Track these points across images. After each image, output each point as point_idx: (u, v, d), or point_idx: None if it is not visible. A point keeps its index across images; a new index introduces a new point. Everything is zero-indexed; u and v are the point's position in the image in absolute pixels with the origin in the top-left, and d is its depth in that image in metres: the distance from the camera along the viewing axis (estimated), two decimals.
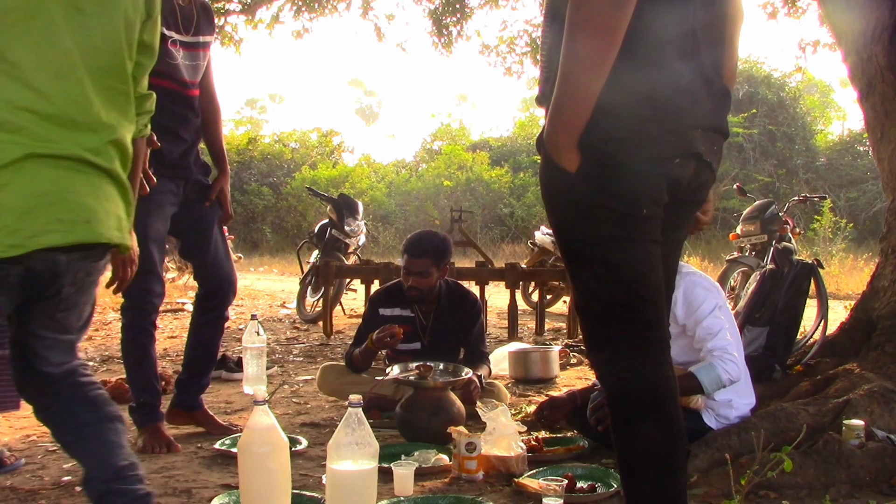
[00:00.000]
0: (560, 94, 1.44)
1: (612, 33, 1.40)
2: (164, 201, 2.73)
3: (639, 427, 1.48)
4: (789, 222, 6.12)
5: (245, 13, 7.42)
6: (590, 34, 1.40)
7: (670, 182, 1.52)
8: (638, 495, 1.50)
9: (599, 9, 1.39)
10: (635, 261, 1.50)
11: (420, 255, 3.32)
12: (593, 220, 1.49)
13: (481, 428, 2.62)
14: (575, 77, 1.42)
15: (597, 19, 1.39)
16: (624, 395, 1.51)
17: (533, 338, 5.60)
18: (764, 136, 16.04)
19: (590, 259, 1.52)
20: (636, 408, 1.49)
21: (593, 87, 1.42)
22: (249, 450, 1.91)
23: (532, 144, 19.85)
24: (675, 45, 1.51)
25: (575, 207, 1.50)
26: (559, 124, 1.46)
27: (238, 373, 4.09)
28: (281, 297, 8.89)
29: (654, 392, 1.50)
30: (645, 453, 1.48)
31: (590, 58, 1.41)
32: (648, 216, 1.50)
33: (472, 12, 8.24)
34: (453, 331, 3.46)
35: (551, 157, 1.49)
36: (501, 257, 12.29)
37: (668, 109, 1.50)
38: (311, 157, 20.19)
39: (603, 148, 1.46)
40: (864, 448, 2.28)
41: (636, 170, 1.48)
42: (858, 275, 9.20)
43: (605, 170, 1.47)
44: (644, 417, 1.48)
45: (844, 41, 3.65)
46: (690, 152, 1.52)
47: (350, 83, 56.33)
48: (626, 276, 1.50)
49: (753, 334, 3.36)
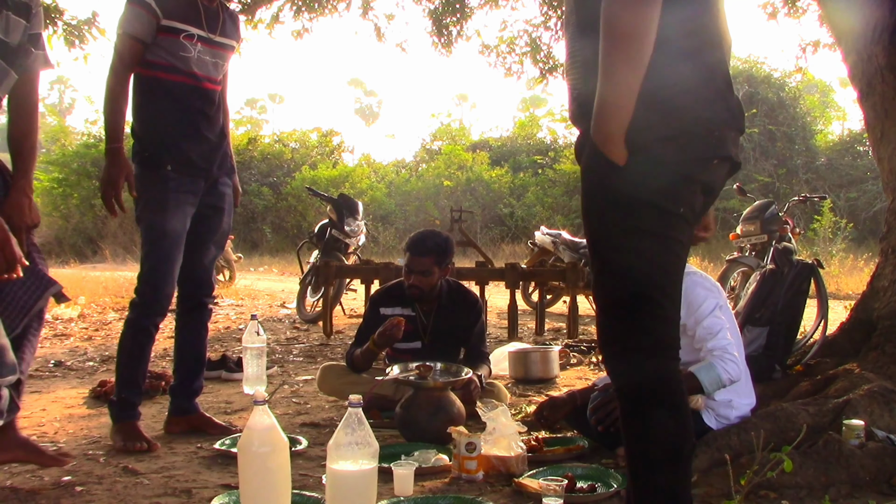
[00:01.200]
0: (603, 87, 1.46)
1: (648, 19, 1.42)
2: (183, 200, 2.73)
3: (653, 417, 1.52)
4: (789, 222, 6.12)
5: (245, 13, 7.40)
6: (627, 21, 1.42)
7: (705, 184, 1.57)
8: (649, 485, 1.53)
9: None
10: (666, 257, 1.55)
11: (423, 253, 3.32)
12: (634, 214, 1.52)
13: (481, 428, 2.62)
14: (616, 68, 1.44)
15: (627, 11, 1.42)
16: (639, 387, 1.55)
17: (533, 338, 5.60)
18: (764, 136, 16.03)
19: (625, 250, 1.54)
20: (651, 399, 1.54)
21: (636, 75, 1.44)
22: (249, 450, 1.91)
23: (532, 144, 19.87)
24: (709, 42, 1.54)
25: (618, 200, 1.52)
26: (606, 117, 1.47)
27: (238, 373, 4.09)
28: (281, 297, 8.89)
29: (668, 385, 1.55)
30: (659, 443, 1.52)
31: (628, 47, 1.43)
32: (684, 215, 1.55)
33: (472, 12, 8.23)
34: (454, 330, 3.46)
35: (600, 151, 1.50)
36: (501, 257, 12.30)
37: (708, 109, 1.54)
38: (311, 157, 20.18)
39: (653, 144, 1.49)
40: (864, 448, 2.28)
41: (680, 169, 1.52)
42: (858, 275, 9.20)
43: (652, 166, 1.50)
44: (658, 408, 1.53)
45: (844, 41, 3.66)
46: (726, 154, 1.57)
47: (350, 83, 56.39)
48: (656, 271, 1.54)
49: (753, 334, 3.37)
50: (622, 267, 1.55)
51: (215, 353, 4.45)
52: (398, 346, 3.52)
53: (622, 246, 1.54)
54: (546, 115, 22.02)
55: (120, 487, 2.32)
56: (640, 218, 1.51)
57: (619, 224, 1.53)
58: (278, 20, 7.72)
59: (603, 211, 1.56)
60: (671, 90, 1.48)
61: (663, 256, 1.54)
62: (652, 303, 1.54)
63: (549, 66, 8.60)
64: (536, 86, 9.17)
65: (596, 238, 1.59)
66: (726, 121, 1.56)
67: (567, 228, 10.72)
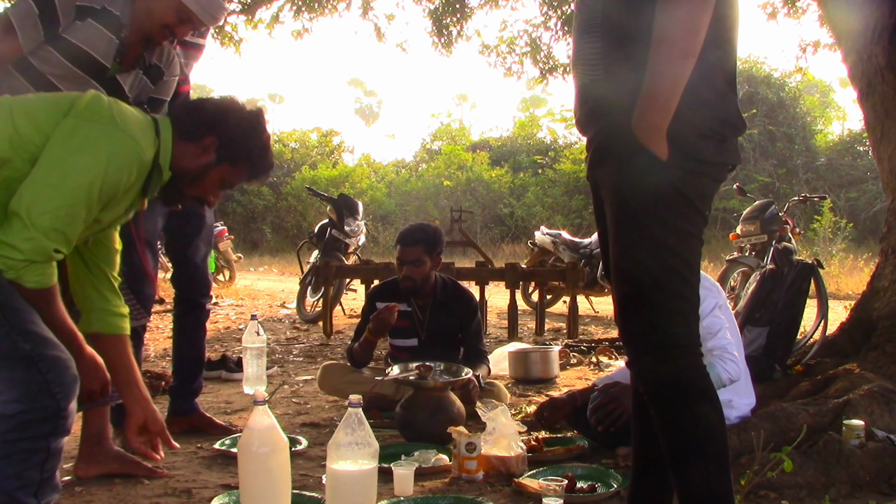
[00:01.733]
0: (656, 81, 1.46)
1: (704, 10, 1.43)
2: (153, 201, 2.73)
3: (699, 410, 1.55)
4: (789, 222, 6.12)
5: (245, 13, 7.41)
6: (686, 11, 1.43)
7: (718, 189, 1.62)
8: (701, 477, 1.55)
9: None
10: (694, 255, 1.58)
11: (412, 243, 3.36)
12: (672, 210, 1.53)
13: (481, 428, 2.62)
14: (672, 60, 1.45)
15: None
16: (680, 381, 1.57)
17: (533, 338, 5.59)
18: (764, 136, 16.03)
19: (659, 246, 1.55)
20: (694, 392, 1.57)
21: (686, 70, 1.45)
22: (249, 450, 1.91)
23: (532, 144, 19.86)
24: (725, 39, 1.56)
25: (657, 195, 1.53)
26: (655, 110, 1.48)
27: (238, 373, 4.08)
28: (281, 297, 8.88)
29: (705, 377, 1.59)
30: (708, 434, 1.55)
31: (683, 42, 1.44)
32: (706, 216, 1.59)
33: (472, 12, 8.22)
34: (450, 326, 3.48)
35: (643, 143, 1.50)
36: (501, 257, 12.29)
37: (731, 114, 1.57)
38: (311, 157, 20.17)
39: (693, 143, 1.52)
40: (864, 448, 2.28)
41: (711, 170, 1.56)
42: (858, 275, 9.20)
43: (692, 164, 1.52)
44: (702, 400, 1.56)
45: (844, 41, 3.66)
46: (737, 162, 1.62)
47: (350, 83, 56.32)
48: (686, 267, 1.56)
49: (753, 334, 3.36)
50: (655, 263, 1.56)
51: (215, 353, 4.45)
52: (396, 344, 3.53)
53: (658, 242, 1.55)
54: (546, 115, 22.01)
55: (120, 487, 2.32)
56: (678, 216, 1.54)
57: (659, 219, 1.54)
58: (278, 20, 7.72)
59: (639, 206, 1.56)
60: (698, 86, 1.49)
61: (691, 254, 1.57)
62: (684, 300, 1.56)
63: (549, 66, 8.59)
64: (536, 86, 9.17)
65: (627, 234, 1.59)
66: (738, 124, 1.59)
67: (567, 228, 10.73)
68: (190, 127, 1.94)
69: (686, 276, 1.56)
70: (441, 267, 3.64)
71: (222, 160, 1.96)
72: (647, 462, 1.78)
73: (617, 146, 1.58)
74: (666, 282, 1.55)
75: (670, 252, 1.54)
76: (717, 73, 1.55)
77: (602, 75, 1.59)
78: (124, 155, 1.79)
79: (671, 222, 1.53)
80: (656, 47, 1.45)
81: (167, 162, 1.93)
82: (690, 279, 1.57)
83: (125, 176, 1.79)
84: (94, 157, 1.74)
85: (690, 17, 1.43)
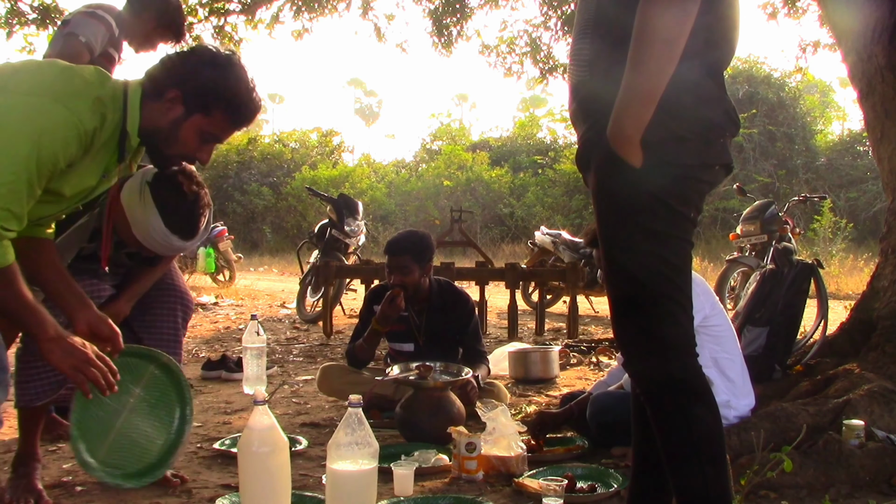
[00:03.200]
0: (630, 87, 1.46)
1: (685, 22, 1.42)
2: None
3: (695, 412, 1.56)
4: (789, 222, 6.12)
5: (245, 13, 7.42)
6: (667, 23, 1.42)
7: (708, 189, 1.60)
8: (697, 477, 1.55)
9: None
10: (681, 258, 1.58)
11: (400, 252, 3.36)
12: (651, 215, 1.53)
13: (481, 428, 2.62)
14: (646, 70, 1.44)
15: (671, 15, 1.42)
16: (675, 383, 1.57)
17: (533, 338, 5.59)
18: (764, 136, 16.02)
19: (643, 252, 1.55)
20: (689, 395, 1.57)
21: (662, 80, 1.44)
22: (249, 450, 1.91)
23: (532, 144, 19.85)
24: (713, 43, 1.56)
25: (634, 202, 1.54)
26: (627, 118, 1.48)
27: (238, 373, 4.08)
28: (281, 297, 8.89)
29: (700, 378, 1.59)
30: (704, 435, 1.55)
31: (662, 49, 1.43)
32: (693, 218, 1.58)
33: (472, 12, 8.23)
34: (447, 330, 3.47)
35: (616, 152, 1.50)
36: (501, 257, 12.29)
37: (716, 115, 1.56)
38: (311, 157, 20.17)
39: (668, 147, 1.51)
40: (864, 448, 2.28)
41: (692, 173, 1.55)
42: (858, 275, 9.20)
43: (668, 168, 1.52)
44: (697, 402, 1.56)
45: (844, 41, 3.66)
46: (726, 162, 1.60)
47: (350, 83, 56.34)
48: (674, 271, 1.56)
49: (753, 334, 3.36)
50: (641, 268, 1.56)
51: (215, 353, 4.45)
52: (395, 347, 3.52)
53: (642, 249, 1.55)
54: (546, 116, 22.00)
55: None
56: (657, 220, 1.53)
57: (638, 225, 1.55)
58: (278, 20, 7.73)
59: (619, 213, 1.57)
60: (676, 90, 1.48)
61: (678, 257, 1.57)
62: (674, 303, 1.56)
63: (549, 66, 8.60)
64: (536, 86, 9.17)
65: (612, 241, 1.60)
66: (727, 127, 1.58)
67: (567, 228, 10.73)
68: (155, 85, 1.87)
69: (672, 278, 1.56)
70: (441, 267, 3.64)
71: (192, 111, 1.86)
72: (646, 462, 1.78)
73: (596, 153, 1.58)
74: (652, 285, 1.55)
75: (653, 257, 1.54)
76: (708, 75, 1.55)
77: (588, 77, 1.60)
78: (59, 127, 1.72)
79: (651, 227, 1.53)
80: (631, 60, 1.45)
81: (135, 126, 1.86)
82: (678, 281, 1.57)
83: (61, 148, 1.72)
84: (24, 131, 1.68)
85: (667, 28, 1.41)
